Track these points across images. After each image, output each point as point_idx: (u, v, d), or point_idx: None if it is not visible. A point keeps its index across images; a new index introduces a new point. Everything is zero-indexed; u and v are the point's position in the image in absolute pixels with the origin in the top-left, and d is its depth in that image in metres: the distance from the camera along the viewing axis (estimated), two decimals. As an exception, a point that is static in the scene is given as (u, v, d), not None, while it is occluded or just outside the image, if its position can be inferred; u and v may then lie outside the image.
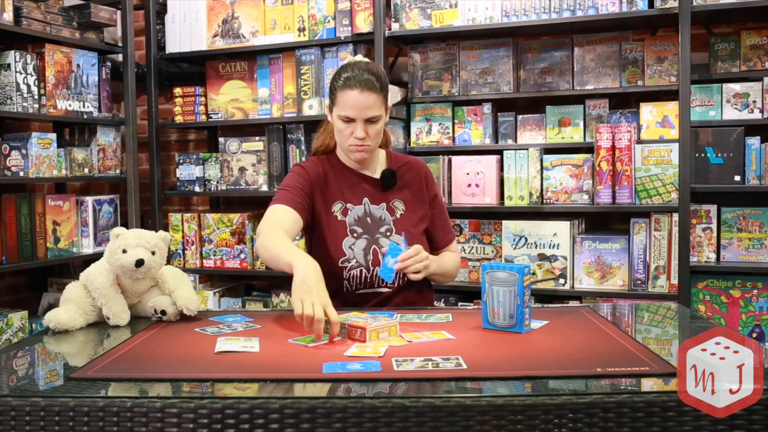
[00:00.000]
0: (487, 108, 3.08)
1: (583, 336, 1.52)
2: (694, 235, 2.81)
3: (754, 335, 2.73)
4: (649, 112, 2.89)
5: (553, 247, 2.91)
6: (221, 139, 3.43)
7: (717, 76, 2.85)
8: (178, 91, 3.46)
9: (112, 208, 3.32)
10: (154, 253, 1.72)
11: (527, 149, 2.98)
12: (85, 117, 3.12)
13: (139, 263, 1.68)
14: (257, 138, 3.35)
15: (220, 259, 3.36)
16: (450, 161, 3.10)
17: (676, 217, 2.74)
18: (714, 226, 2.82)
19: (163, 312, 1.70)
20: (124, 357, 1.40)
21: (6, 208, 2.79)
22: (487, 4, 2.95)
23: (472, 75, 3.13)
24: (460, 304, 3.07)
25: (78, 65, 3.08)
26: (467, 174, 3.07)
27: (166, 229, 3.36)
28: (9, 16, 2.74)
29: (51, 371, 1.46)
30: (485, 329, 1.59)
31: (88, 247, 3.17)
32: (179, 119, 3.47)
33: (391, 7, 3.08)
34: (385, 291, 1.95)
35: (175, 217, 3.44)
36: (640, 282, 2.84)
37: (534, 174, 2.96)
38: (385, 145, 2.09)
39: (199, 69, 3.55)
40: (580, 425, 1.11)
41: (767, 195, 2.80)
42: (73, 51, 3.06)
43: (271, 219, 1.86)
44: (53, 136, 2.98)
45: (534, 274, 2.91)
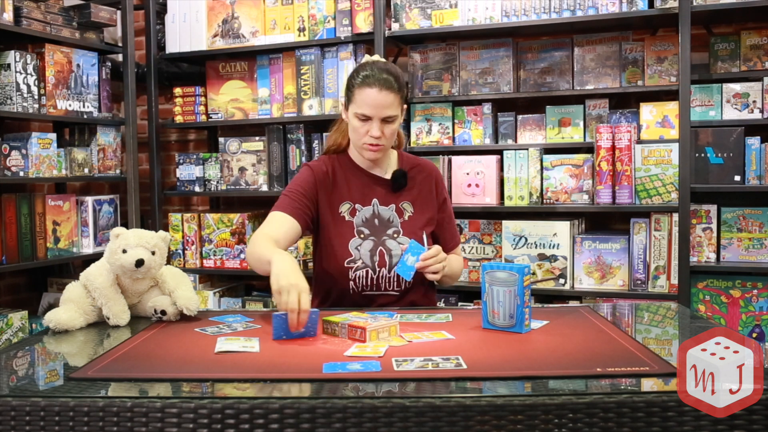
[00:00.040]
0: (487, 108, 3.08)
1: (583, 336, 1.52)
2: (694, 235, 2.81)
3: (754, 335, 2.73)
4: (649, 112, 2.89)
5: (553, 247, 2.91)
6: (221, 139, 3.43)
7: (717, 76, 2.85)
8: (178, 91, 3.46)
9: (112, 208, 3.32)
10: (154, 253, 1.72)
11: (527, 149, 2.98)
12: (85, 117, 3.12)
13: (139, 263, 1.68)
14: (257, 138, 3.35)
15: (220, 259, 3.36)
16: (450, 161, 3.10)
17: (676, 217, 2.74)
18: (714, 226, 2.82)
19: (163, 312, 1.70)
20: (124, 357, 1.40)
21: (6, 208, 2.79)
22: (487, 4, 2.95)
23: (472, 75, 3.13)
24: (460, 304, 3.07)
25: (78, 65, 3.08)
26: (467, 174, 3.07)
27: (166, 229, 3.36)
28: (9, 16, 2.74)
29: (51, 371, 1.46)
30: (485, 329, 1.59)
31: (88, 247, 3.17)
32: (179, 119, 3.47)
33: (391, 7, 3.08)
34: (391, 293, 1.95)
35: (175, 217, 3.44)
36: (640, 282, 2.84)
37: (534, 174, 2.96)
38: (398, 145, 2.09)
39: (199, 69, 3.55)
40: (580, 425, 1.11)
41: (767, 195, 2.80)
42: (73, 51, 3.06)
43: (263, 229, 1.88)
44: (53, 136, 2.98)
45: (534, 274, 2.91)
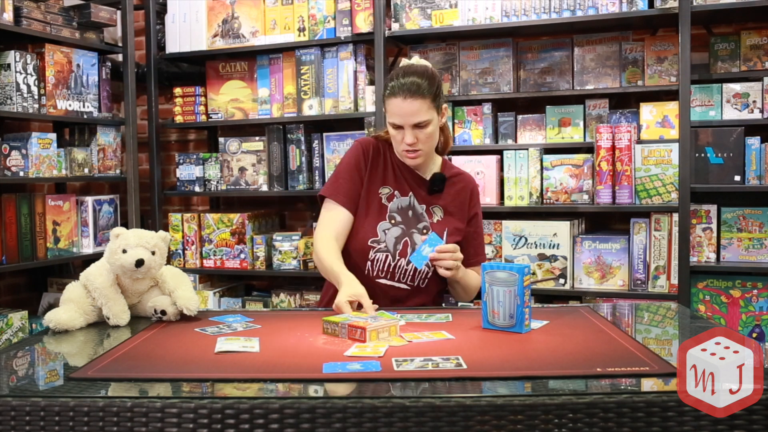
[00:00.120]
0: (487, 108, 3.08)
1: (583, 336, 1.52)
2: (694, 235, 2.81)
3: (754, 335, 2.73)
4: (649, 112, 2.89)
5: (553, 247, 2.91)
6: (221, 139, 3.43)
7: (717, 76, 2.85)
8: (178, 91, 3.46)
9: (112, 208, 3.32)
10: (154, 253, 1.72)
11: (527, 149, 2.98)
12: (85, 117, 3.12)
13: (139, 263, 1.68)
14: (257, 138, 3.35)
15: (220, 259, 3.36)
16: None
17: (676, 217, 2.74)
18: (714, 226, 2.82)
19: (163, 312, 1.70)
20: (124, 357, 1.40)
21: (6, 208, 2.79)
22: (487, 4, 2.95)
23: (472, 75, 3.13)
24: (460, 304, 3.06)
25: (78, 65, 3.08)
26: (467, 174, 3.07)
27: (166, 229, 3.36)
28: (9, 16, 2.74)
29: (51, 371, 1.46)
30: (485, 329, 1.59)
31: (88, 247, 3.17)
32: (179, 119, 3.47)
33: (391, 7, 3.08)
34: (403, 287, 1.95)
35: (175, 217, 3.44)
36: (640, 282, 2.84)
37: (534, 174, 2.96)
38: (444, 147, 2.09)
39: (199, 69, 3.55)
40: (580, 425, 1.11)
41: (767, 195, 2.80)
42: (73, 51, 3.06)
43: (326, 228, 1.95)
44: (53, 136, 2.98)
45: (534, 274, 2.91)
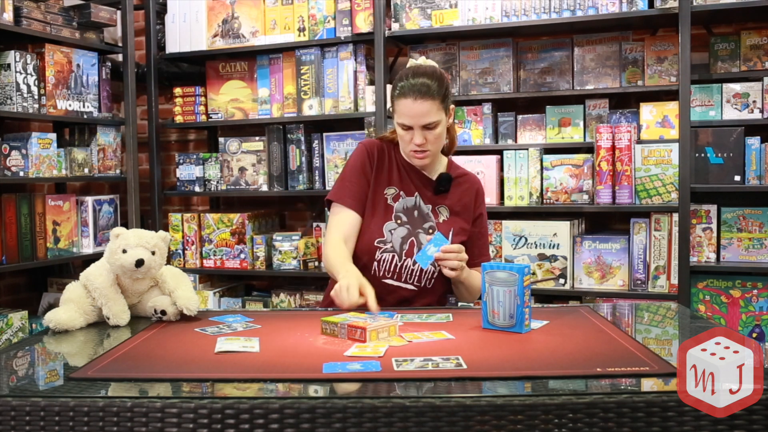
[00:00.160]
0: (487, 108, 3.08)
1: (583, 336, 1.52)
2: (694, 235, 2.81)
3: (754, 335, 2.73)
4: (649, 112, 2.89)
5: (553, 247, 2.91)
6: (221, 139, 3.43)
7: (717, 76, 2.85)
8: (178, 91, 3.46)
9: (112, 208, 3.32)
10: (154, 253, 1.72)
11: (527, 149, 2.98)
12: (85, 117, 3.12)
13: (139, 263, 1.68)
14: (257, 138, 3.35)
15: (220, 259, 3.36)
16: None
17: (676, 217, 2.74)
18: (714, 226, 2.82)
19: (163, 312, 1.70)
20: (124, 357, 1.40)
21: (6, 208, 2.79)
22: (487, 4, 2.95)
23: (472, 75, 3.13)
24: (460, 304, 3.07)
25: (78, 65, 3.08)
26: (467, 174, 3.07)
27: (166, 229, 3.36)
28: (9, 16, 2.74)
29: (51, 371, 1.46)
30: (485, 329, 1.59)
31: (88, 247, 3.17)
32: (179, 119, 3.47)
33: (391, 7, 3.08)
34: (410, 287, 1.96)
35: (175, 217, 3.44)
36: (640, 282, 2.84)
37: (534, 174, 2.96)
38: (449, 148, 2.11)
39: (199, 69, 3.55)
40: (580, 425, 1.11)
41: (767, 195, 2.80)
42: (73, 51, 3.06)
43: (335, 231, 1.97)
44: (53, 136, 2.98)
45: (534, 274, 2.91)
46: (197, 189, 3.46)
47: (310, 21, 3.19)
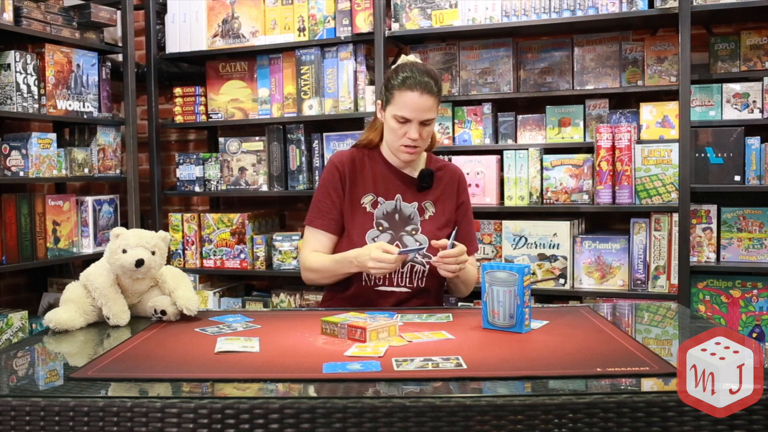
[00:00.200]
0: (487, 108, 3.08)
1: (583, 336, 1.52)
2: (694, 235, 2.81)
3: (754, 335, 2.73)
4: (649, 112, 2.89)
5: (553, 247, 2.91)
6: (221, 139, 3.43)
7: (717, 76, 2.85)
8: (178, 91, 3.46)
9: (112, 208, 3.32)
10: (154, 253, 1.72)
11: (527, 149, 2.98)
12: (85, 117, 3.12)
13: (139, 263, 1.68)
14: (257, 138, 3.35)
15: (220, 259, 3.36)
16: (450, 161, 3.09)
17: (676, 217, 2.74)
18: (714, 226, 2.82)
19: (163, 312, 1.70)
20: (124, 357, 1.40)
21: (6, 208, 2.79)
22: (487, 4, 2.95)
23: (472, 75, 3.13)
24: (460, 304, 3.07)
25: (78, 65, 3.08)
26: (467, 174, 3.05)
27: (166, 229, 3.36)
28: (9, 16, 2.74)
29: (51, 371, 1.46)
30: (485, 329, 1.59)
31: (88, 247, 3.17)
32: (179, 119, 3.47)
33: (391, 7, 3.08)
34: (404, 290, 1.96)
35: (175, 217, 3.44)
36: (640, 282, 2.84)
37: (534, 174, 2.96)
38: (431, 146, 2.11)
39: (199, 69, 3.55)
40: (580, 425, 1.11)
41: (767, 195, 2.80)
42: (73, 51, 3.06)
43: (309, 250, 2.01)
44: (53, 136, 2.98)
45: (534, 274, 2.91)
46: (197, 189, 3.46)
47: (310, 21, 3.19)
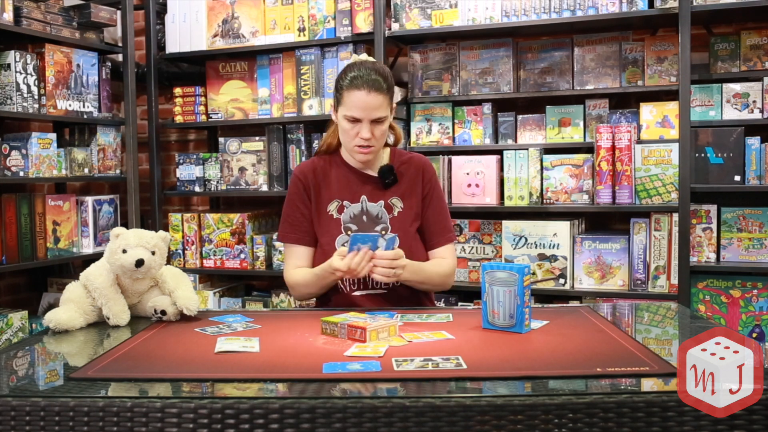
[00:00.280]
0: (487, 108, 3.08)
1: (583, 336, 1.52)
2: (694, 235, 2.81)
3: (754, 335, 2.73)
4: (649, 112, 2.89)
5: (553, 247, 2.91)
6: (221, 139, 3.43)
7: (717, 76, 2.85)
8: (178, 91, 3.46)
9: (112, 208, 3.32)
10: (154, 253, 1.72)
11: (527, 149, 2.98)
12: (85, 117, 3.12)
13: (139, 263, 1.68)
14: (257, 138, 3.35)
15: (220, 259, 3.36)
16: (450, 161, 3.10)
17: (676, 217, 2.74)
18: (714, 226, 2.82)
19: (163, 312, 1.70)
20: (124, 357, 1.40)
21: (6, 208, 2.79)
22: (487, 4, 2.95)
23: (472, 75, 3.13)
24: (460, 304, 3.07)
25: (78, 65, 3.08)
26: (467, 174, 3.07)
27: (166, 229, 3.36)
28: (9, 16, 2.74)
29: (51, 371, 1.46)
30: (485, 329, 1.59)
31: (88, 247, 3.17)
32: (179, 119, 3.47)
33: (391, 7, 3.08)
34: (381, 292, 1.94)
35: (175, 217, 3.44)
36: (640, 282, 2.84)
37: (534, 174, 2.96)
38: (395, 142, 2.08)
39: (199, 69, 3.55)
40: (580, 425, 1.11)
41: (767, 195, 2.80)
42: (73, 51, 3.06)
43: (290, 266, 2.01)
44: (53, 136, 2.98)
45: (534, 274, 2.91)
46: (197, 189, 3.46)
47: (310, 21, 3.19)
